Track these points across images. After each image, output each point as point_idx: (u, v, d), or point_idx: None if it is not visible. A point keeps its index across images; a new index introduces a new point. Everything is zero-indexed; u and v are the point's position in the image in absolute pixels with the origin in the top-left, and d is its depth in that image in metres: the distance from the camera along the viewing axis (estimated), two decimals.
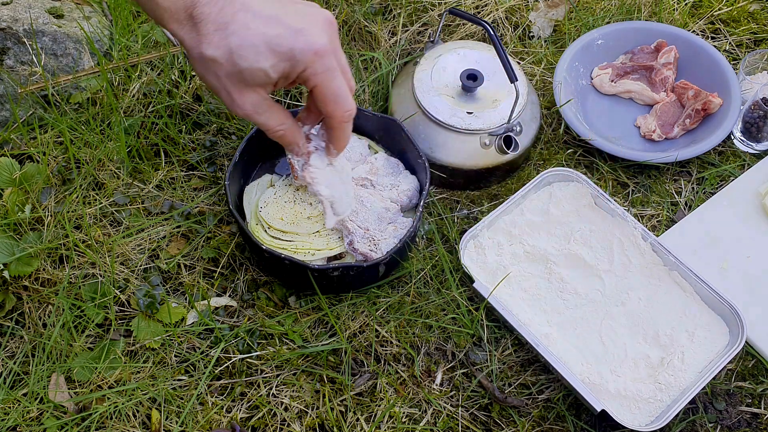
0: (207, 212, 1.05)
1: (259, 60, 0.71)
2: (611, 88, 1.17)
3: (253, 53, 0.71)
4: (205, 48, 0.71)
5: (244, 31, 0.70)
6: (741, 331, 0.91)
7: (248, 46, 0.71)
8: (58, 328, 0.93)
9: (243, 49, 0.71)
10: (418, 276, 1.00)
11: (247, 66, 0.72)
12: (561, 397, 0.91)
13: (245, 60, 0.71)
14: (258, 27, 0.71)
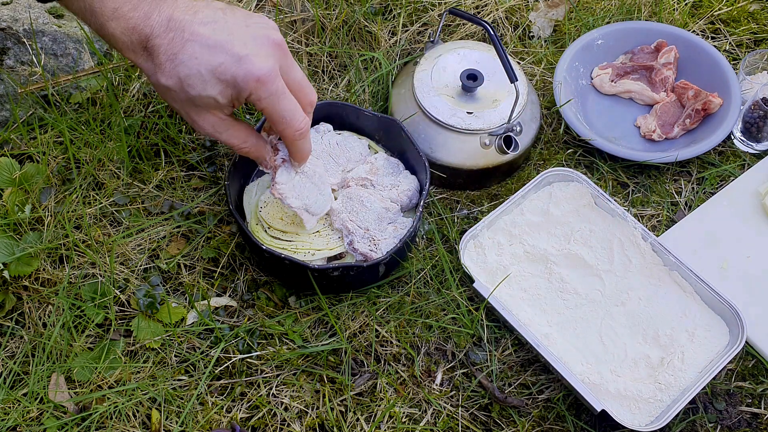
0: (207, 212, 1.05)
1: (206, 88, 0.76)
2: (611, 88, 1.17)
3: (200, 82, 0.75)
4: (160, 77, 0.75)
5: (191, 60, 0.74)
6: (741, 331, 0.91)
7: (194, 75, 0.75)
8: (58, 328, 0.93)
9: (190, 78, 0.75)
10: (418, 276, 1.00)
11: (196, 94, 0.76)
12: (561, 397, 0.91)
13: (193, 88, 0.76)
14: (203, 56, 0.74)
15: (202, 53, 0.74)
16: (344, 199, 0.97)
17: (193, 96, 0.76)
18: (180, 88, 0.75)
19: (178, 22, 0.74)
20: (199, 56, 0.74)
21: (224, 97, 0.77)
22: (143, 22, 0.72)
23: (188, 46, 0.74)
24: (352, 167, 1.02)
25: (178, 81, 0.75)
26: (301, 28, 1.20)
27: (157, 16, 0.73)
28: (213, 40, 0.74)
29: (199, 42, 0.74)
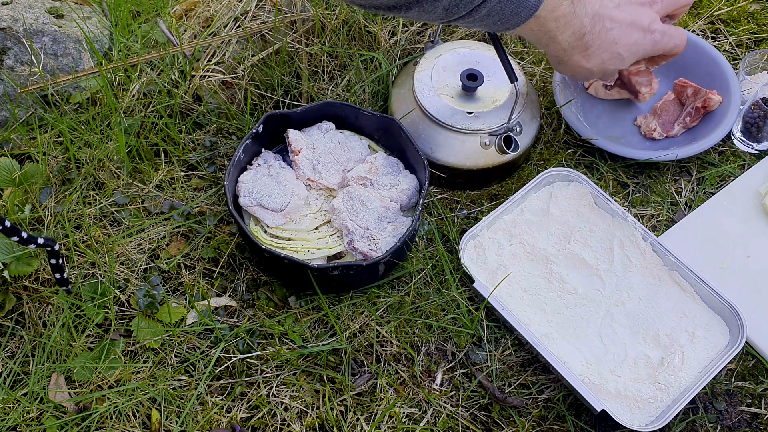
0: (207, 212, 1.05)
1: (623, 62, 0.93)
2: (607, 95, 1.17)
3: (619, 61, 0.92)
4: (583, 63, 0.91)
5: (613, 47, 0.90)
6: (741, 331, 0.91)
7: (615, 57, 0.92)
8: (58, 328, 0.93)
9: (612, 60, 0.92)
10: (418, 276, 1.00)
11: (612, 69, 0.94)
12: (561, 397, 0.91)
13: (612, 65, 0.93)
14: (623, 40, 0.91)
15: (620, 37, 0.90)
16: (344, 199, 0.97)
17: (610, 70, 0.93)
18: (599, 66, 0.91)
19: (597, 15, 0.87)
20: (618, 41, 0.89)
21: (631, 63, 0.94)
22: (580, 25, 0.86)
23: (609, 35, 0.89)
24: (352, 167, 1.02)
25: (600, 62, 0.91)
26: (301, 28, 1.20)
27: (585, 17, 0.86)
28: (625, 21, 0.89)
29: (617, 28, 0.89)
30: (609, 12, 0.89)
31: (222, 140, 1.13)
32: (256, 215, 0.97)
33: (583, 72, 0.93)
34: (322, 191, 1.02)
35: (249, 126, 1.12)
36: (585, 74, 0.94)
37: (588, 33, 0.87)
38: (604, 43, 0.89)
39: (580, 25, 0.86)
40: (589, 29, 0.87)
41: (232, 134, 1.14)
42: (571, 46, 0.88)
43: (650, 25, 0.93)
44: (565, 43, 0.87)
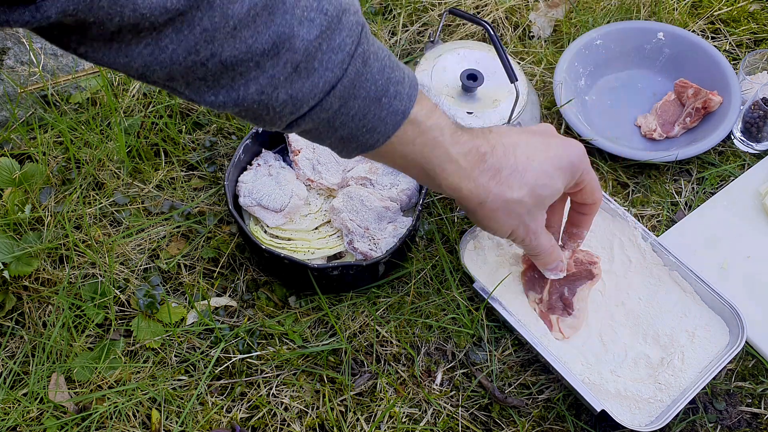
0: (207, 212, 1.05)
1: (555, 183, 0.77)
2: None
3: (548, 179, 0.76)
4: (509, 193, 0.74)
5: (532, 164, 0.75)
6: (741, 331, 0.91)
7: (542, 175, 0.75)
8: (58, 328, 0.93)
9: (540, 179, 0.75)
10: (418, 276, 1.00)
11: (547, 193, 0.77)
12: (561, 397, 0.91)
13: (545, 188, 0.76)
14: (539, 155, 0.76)
15: (536, 154, 0.75)
16: (344, 199, 0.97)
17: (545, 196, 0.77)
18: (531, 195, 0.75)
19: (492, 138, 0.74)
20: (535, 157, 0.75)
21: (565, 185, 0.79)
22: (473, 144, 0.72)
23: (519, 153, 0.74)
24: (352, 166, 1.02)
25: (530, 189, 0.75)
26: None
27: (477, 139, 0.73)
28: (534, 142, 0.76)
29: (524, 146, 0.75)
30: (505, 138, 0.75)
31: (222, 140, 1.13)
32: (256, 215, 0.97)
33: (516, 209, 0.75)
34: (322, 191, 1.02)
35: (249, 126, 1.12)
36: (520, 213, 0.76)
37: (489, 154, 0.72)
38: (519, 164, 0.74)
39: (474, 144, 0.71)
40: (489, 150, 0.72)
41: (232, 134, 1.14)
42: (474, 168, 0.72)
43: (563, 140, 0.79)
44: (465, 162, 0.71)
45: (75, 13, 0.49)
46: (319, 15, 0.59)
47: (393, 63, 0.66)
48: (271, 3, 0.56)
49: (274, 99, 0.61)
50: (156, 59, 0.56)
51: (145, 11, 0.51)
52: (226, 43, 0.56)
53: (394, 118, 0.66)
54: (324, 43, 0.59)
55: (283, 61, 0.59)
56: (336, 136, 0.67)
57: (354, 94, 0.63)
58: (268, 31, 0.57)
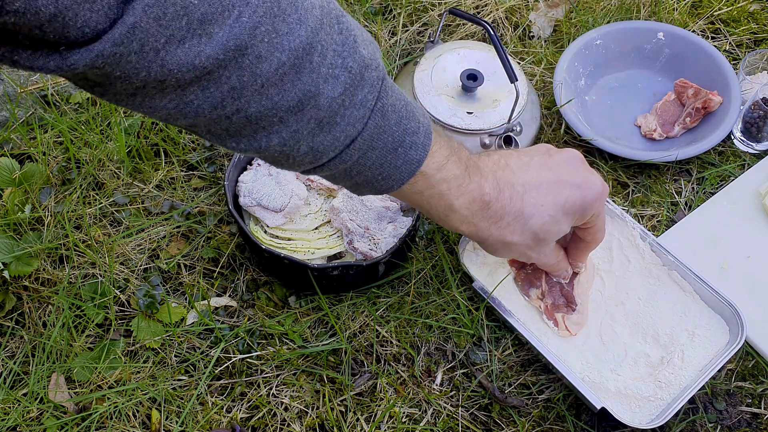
0: (207, 212, 1.05)
1: (560, 226, 0.77)
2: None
3: (554, 224, 0.76)
4: (509, 237, 0.76)
5: (539, 209, 0.75)
6: (741, 330, 0.91)
7: (548, 221, 0.76)
8: (58, 328, 0.93)
9: (545, 225, 0.76)
10: (418, 276, 1.00)
11: (551, 237, 0.78)
12: (561, 397, 0.91)
13: (549, 233, 0.77)
14: (548, 199, 0.75)
15: (545, 197, 0.75)
16: (344, 198, 0.97)
17: (547, 239, 0.78)
18: (533, 239, 0.77)
19: (502, 179, 0.74)
20: (544, 201, 0.75)
21: (571, 226, 0.79)
22: (479, 192, 0.72)
23: (527, 198, 0.74)
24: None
25: (532, 234, 0.76)
26: None
27: (486, 184, 0.73)
28: (547, 181, 0.76)
29: (536, 188, 0.75)
30: (519, 176, 0.75)
31: None
32: (256, 215, 0.97)
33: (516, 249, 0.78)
34: (322, 191, 1.02)
35: None
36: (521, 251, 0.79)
37: (494, 201, 0.73)
38: (525, 208, 0.74)
39: (480, 192, 0.72)
40: (495, 196, 0.73)
41: None
42: (476, 215, 0.73)
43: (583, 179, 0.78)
44: (467, 211, 0.72)
45: (102, 67, 0.49)
46: (344, 72, 0.59)
47: (409, 112, 0.67)
48: (298, 63, 0.56)
49: (296, 151, 0.62)
50: (180, 111, 0.56)
51: (173, 68, 0.51)
52: (252, 100, 0.57)
53: (409, 167, 0.67)
54: (347, 99, 0.61)
55: (307, 118, 0.60)
56: (352, 182, 0.69)
57: (372, 146, 0.65)
58: (295, 89, 0.57)
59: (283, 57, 0.55)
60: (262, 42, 0.54)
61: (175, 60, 0.51)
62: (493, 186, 0.73)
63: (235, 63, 0.54)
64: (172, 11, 0.49)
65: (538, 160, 0.77)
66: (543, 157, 0.78)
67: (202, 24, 0.51)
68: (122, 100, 0.55)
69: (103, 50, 0.48)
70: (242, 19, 0.52)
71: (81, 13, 0.46)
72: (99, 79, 0.51)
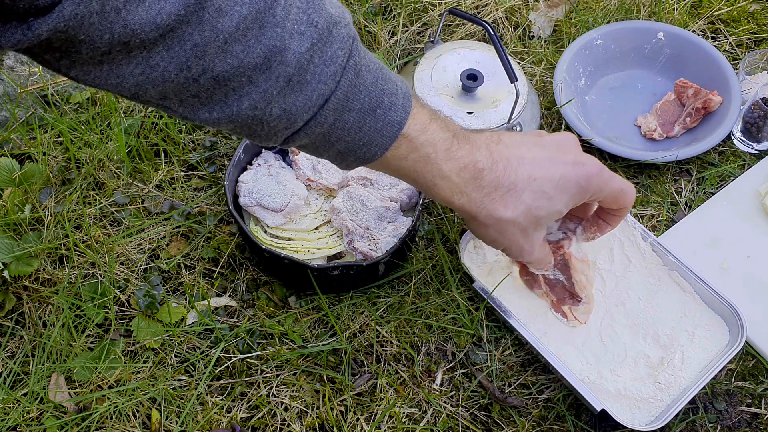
0: (207, 212, 1.05)
1: (554, 204, 0.74)
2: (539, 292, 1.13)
3: (547, 201, 0.73)
4: (502, 212, 0.72)
5: (532, 184, 0.72)
6: (741, 331, 0.91)
7: (541, 197, 0.73)
8: (58, 328, 0.93)
9: (537, 201, 0.73)
10: (418, 276, 1.00)
11: (544, 214, 0.74)
12: (561, 397, 0.91)
13: (542, 209, 0.73)
14: (541, 173, 0.73)
15: (540, 171, 0.72)
16: (344, 198, 0.97)
17: (540, 217, 0.74)
18: (526, 215, 0.73)
19: (496, 152, 0.71)
20: (538, 176, 0.72)
21: (567, 207, 0.76)
22: (471, 159, 0.70)
23: (521, 171, 0.72)
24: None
25: (525, 209, 0.72)
26: None
27: (478, 153, 0.70)
28: (541, 157, 0.73)
29: (530, 162, 0.72)
30: (513, 150, 0.72)
31: (222, 140, 1.13)
32: (256, 215, 0.97)
33: (509, 228, 0.74)
34: (322, 191, 1.02)
35: None
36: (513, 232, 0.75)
37: (488, 170, 0.70)
38: (519, 182, 0.71)
39: (471, 159, 0.69)
40: (489, 166, 0.70)
41: (232, 134, 1.14)
42: (468, 184, 0.70)
43: (577, 158, 0.75)
44: (458, 178, 0.69)
45: (65, 30, 0.49)
46: (310, 28, 0.58)
47: (386, 74, 0.66)
48: (260, 17, 0.56)
49: (268, 114, 0.60)
50: (148, 78, 0.55)
51: (136, 27, 0.51)
52: (217, 58, 0.56)
53: (390, 130, 0.65)
54: (315, 55, 0.59)
55: (276, 75, 0.58)
56: (333, 150, 0.66)
57: (348, 107, 0.63)
58: (259, 45, 0.57)
59: (244, 10, 0.55)
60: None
61: (136, 19, 0.51)
62: (486, 156, 0.71)
63: (197, 17, 0.53)
64: None
65: (531, 140, 0.76)
66: (536, 137, 0.77)
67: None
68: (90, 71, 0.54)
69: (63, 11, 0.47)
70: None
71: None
72: (64, 45, 0.51)
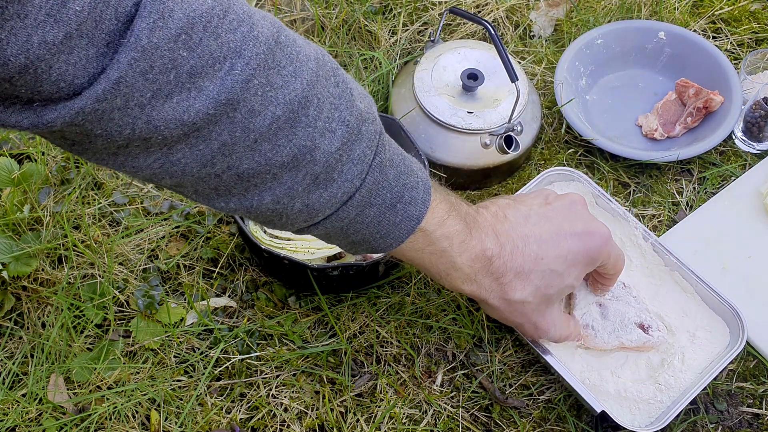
0: (206, 212, 1.05)
1: (564, 280, 0.74)
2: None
3: (557, 278, 0.74)
4: (512, 294, 0.73)
5: (540, 264, 0.72)
6: (742, 331, 0.90)
7: (549, 275, 0.73)
8: (56, 329, 0.93)
9: (546, 279, 0.73)
10: (418, 276, 0.99)
11: (554, 292, 0.75)
12: (562, 398, 0.91)
13: (551, 288, 0.74)
14: (550, 252, 0.73)
15: (548, 250, 0.72)
16: None
17: (551, 294, 0.75)
18: (536, 296, 0.73)
19: (502, 233, 0.71)
20: (546, 255, 0.72)
21: (578, 279, 0.76)
22: (481, 248, 0.70)
23: (528, 251, 0.71)
24: None
25: (534, 289, 0.73)
26: (301, 28, 1.20)
27: (486, 239, 0.70)
28: (549, 233, 0.73)
29: (537, 241, 0.72)
30: (518, 230, 0.72)
31: None
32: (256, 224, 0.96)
33: (519, 308, 0.74)
34: None
35: None
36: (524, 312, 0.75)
37: (496, 257, 0.71)
38: (526, 264, 0.72)
39: (482, 248, 0.70)
40: (497, 252, 0.71)
41: None
42: (479, 273, 0.71)
43: (585, 227, 0.76)
44: (469, 269, 0.70)
45: (83, 124, 0.45)
46: (341, 126, 0.57)
47: (407, 168, 0.65)
48: (293, 116, 0.54)
49: (290, 208, 0.59)
50: (166, 171, 0.53)
51: (160, 124, 0.48)
52: (244, 156, 0.54)
53: (408, 224, 0.64)
54: (344, 154, 0.58)
55: (303, 173, 0.57)
56: (347, 241, 0.66)
57: (370, 203, 0.62)
58: (290, 144, 0.55)
59: (278, 111, 0.53)
60: (255, 95, 0.51)
61: (161, 116, 0.48)
62: (494, 241, 0.71)
63: (227, 118, 0.50)
64: (159, 64, 0.45)
65: (536, 211, 0.75)
66: (541, 207, 0.76)
67: (191, 77, 0.47)
68: (103, 159, 0.52)
69: (84, 107, 0.44)
70: (234, 71, 0.49)
71: (56, 65, 0.42)
72: (78, 137, 0.48)
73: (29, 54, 0.41)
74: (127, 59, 0.44)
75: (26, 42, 0.40)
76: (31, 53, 0.41)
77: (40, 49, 0.41)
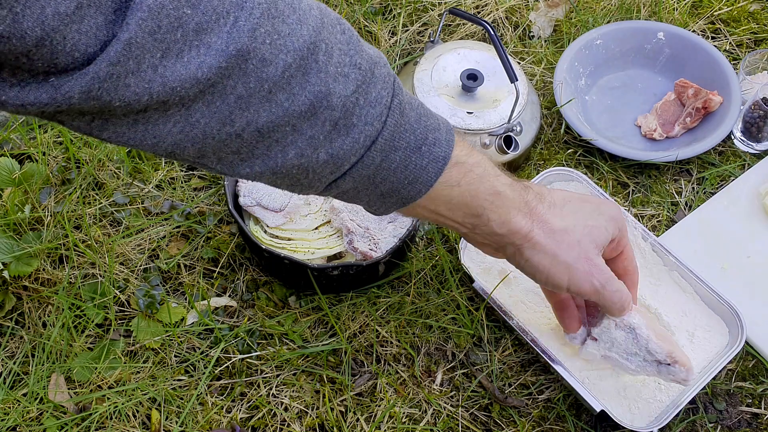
0: (207, 212, 1.05)
1: (602, 222, 0.75)
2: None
3: (598, 217, 0.75)
4: (556, 222, 0.72)
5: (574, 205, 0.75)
6: (741, 331, 0.91)
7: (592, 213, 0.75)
8: (57, 328, 0.93)
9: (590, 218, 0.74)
10: (418, 276, 1.00)
11: (598, 232, 0.74)
12: (561, 398, 0.91)
13: (596, 228, 0.74)
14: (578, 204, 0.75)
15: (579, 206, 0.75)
16: None
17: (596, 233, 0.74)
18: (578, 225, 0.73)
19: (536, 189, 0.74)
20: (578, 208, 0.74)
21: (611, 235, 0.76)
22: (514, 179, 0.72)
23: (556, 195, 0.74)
24: None
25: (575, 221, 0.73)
26: None
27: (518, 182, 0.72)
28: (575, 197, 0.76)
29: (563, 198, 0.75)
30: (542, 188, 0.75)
31: None
32: (256, 215, 0.97)
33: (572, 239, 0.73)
34: None
35: None
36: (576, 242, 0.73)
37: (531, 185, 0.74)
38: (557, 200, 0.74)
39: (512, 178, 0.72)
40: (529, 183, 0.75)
41: None
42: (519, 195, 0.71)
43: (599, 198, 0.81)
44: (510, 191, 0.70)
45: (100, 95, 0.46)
46: (354, 70, 0.57)
47: (426, 111, 0.65)
48: (304, 63, 0.54)
49: (314, 160, 0.59)
50: (187, 136, 0.53)
51: (176, 84, 0.49)
52: (262, 109, 0.54)
53: (435, 165, 0.64)
54: (361, 97, 0.58)
55: (321, 120, 0.57)
56: (376, 193, 0.65)
57: (395, 146, 0.62)
58: (305, 92, 0.55)
59: (288, 58, 0.53)
60: (264, 44, 0.52)
61: (175, 75, 0.48)
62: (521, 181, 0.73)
63: (239, 70, 0.51)
64: (166, 23, 0.47)
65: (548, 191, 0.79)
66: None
67: (198, 34, 0.48)
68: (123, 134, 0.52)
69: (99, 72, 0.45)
70: (239, 23, 0.50)
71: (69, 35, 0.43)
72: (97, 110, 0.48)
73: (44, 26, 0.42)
74: (135, 20, 0.45)
75: (41, 14, 0.42)
76: (46, 25, 0.42)
77: (55, 21, 0.42)
